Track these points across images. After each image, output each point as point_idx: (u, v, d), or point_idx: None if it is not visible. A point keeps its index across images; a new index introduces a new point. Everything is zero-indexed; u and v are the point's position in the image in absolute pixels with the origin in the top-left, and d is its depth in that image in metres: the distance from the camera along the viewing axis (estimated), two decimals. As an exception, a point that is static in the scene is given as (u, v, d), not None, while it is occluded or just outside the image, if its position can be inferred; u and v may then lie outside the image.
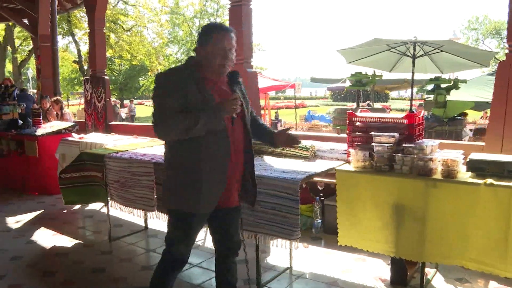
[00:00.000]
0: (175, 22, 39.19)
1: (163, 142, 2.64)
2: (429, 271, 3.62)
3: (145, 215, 4.91)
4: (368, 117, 3.56)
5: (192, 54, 2.60)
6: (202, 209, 2.52)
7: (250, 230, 3.29)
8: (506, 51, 3.96)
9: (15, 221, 5.55)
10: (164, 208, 2.72)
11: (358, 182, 3.29)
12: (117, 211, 4.69)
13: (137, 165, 4.05)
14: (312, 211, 4.73)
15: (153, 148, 4.77)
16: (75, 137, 6.09)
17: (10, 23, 23.25)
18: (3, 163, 7.47)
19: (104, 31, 8.26)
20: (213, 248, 4.35)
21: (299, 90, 16.52)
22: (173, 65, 43.73)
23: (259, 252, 3.50)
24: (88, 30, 8.20)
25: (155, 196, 3.99)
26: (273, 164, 3.61)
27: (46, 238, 4.90)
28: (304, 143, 3.98)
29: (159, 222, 4.87)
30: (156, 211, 4.10)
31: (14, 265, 4.17)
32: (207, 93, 2.42)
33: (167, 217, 2.70)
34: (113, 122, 8.20)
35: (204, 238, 4.66)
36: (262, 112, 9.78)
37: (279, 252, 4.13)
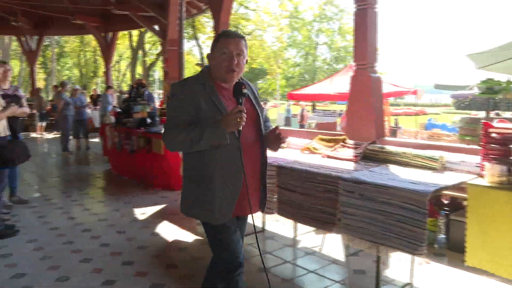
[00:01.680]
0: (294, 26, 39.61)
1: None
2: None
3: (263, 216, 4.98)
4: (507, 128, 3.26)
5: (310, 56, 2.54)
6: (215, 220, 2.48)
7: (372, 240, 3.17)
8: None
9: (141, 213, 5.94)
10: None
11: (493, 198, 3.02)
12: (236, 211, 4.79)
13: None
14: (436, 225, 4.45)
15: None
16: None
17: (143, 30, 25.19)
18: (132, 158, 8.05)
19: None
20: (330, 255, 4.36)
21: (421, 97, 15.73)
22: (291, 69, 44.77)
23: (380, 264, 3.37)
24: (210, 35, 8.54)
25: (276, 199, 3.99)
26: (399, 174, 3.45)
27: (168, 231, 5.18)
28: (432, 153, 3.76)
29: (277, 224, 4.92)
30: (276, 214, 4.08)
31: (140, 253, 4.46)
32: (219, 101, 2.42)
33: None
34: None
35: (321, 244, 4.61)
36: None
37: (399, 266, 3.95)
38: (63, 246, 4.67)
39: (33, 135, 17.09)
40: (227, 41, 2.44)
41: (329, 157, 4.28)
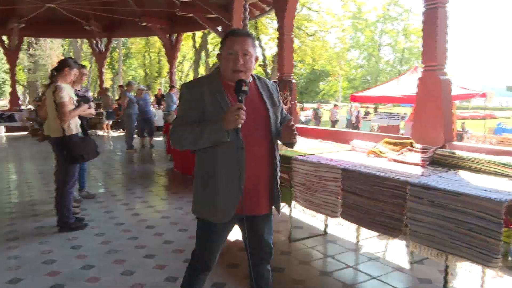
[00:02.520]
0: (357, 27, 39.05)
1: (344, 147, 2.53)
2: None
3: (326, 219, 4.91)
4: None
5: (373, 58, 2.46)
6: (218, 218, 2.51)
7: (440, 249, 3.03)
8: None
9: (203, 212, 6.00)
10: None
11: None
12: (299, 213, 4.73)
13: (325, 169, 4.02)
14: (510, 236, 4.20)
15: (340, 153, 4.71)
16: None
17: (206, 31, 25.65)
18: (195, 157, 8.16)
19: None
20: (393, 262, 4.23)
21: (491, 100, 15.01)
22: (353, 70, 44.16)
23: (448, 274, 3.23)
24: (273, 36, 8.51)
25: (340, 203, 3.91)
26: (471, 181, 3.28)
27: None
28: (507, 159, 3.55)
29: (339, 228, 4.84)
30: (339, 217, 3.99)
31: (202, 252, 4.50)
32: (224, 100, 2.43)
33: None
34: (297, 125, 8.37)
35: (385, 250, 4.48)
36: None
37: (468, 278, 3.76)
38: (128, 241, 4.82)
39: (100, 133, 17.82)
40: (233, 40, 2.44)
41: (395, 161, 4.15)
